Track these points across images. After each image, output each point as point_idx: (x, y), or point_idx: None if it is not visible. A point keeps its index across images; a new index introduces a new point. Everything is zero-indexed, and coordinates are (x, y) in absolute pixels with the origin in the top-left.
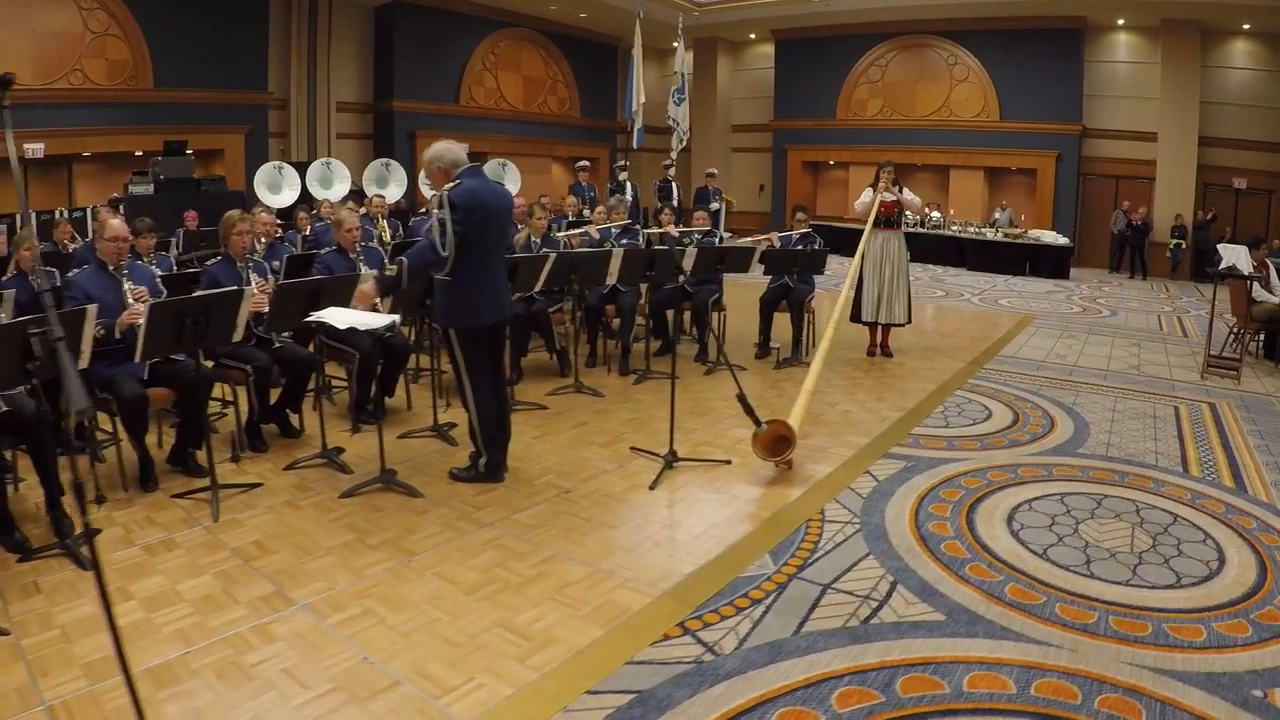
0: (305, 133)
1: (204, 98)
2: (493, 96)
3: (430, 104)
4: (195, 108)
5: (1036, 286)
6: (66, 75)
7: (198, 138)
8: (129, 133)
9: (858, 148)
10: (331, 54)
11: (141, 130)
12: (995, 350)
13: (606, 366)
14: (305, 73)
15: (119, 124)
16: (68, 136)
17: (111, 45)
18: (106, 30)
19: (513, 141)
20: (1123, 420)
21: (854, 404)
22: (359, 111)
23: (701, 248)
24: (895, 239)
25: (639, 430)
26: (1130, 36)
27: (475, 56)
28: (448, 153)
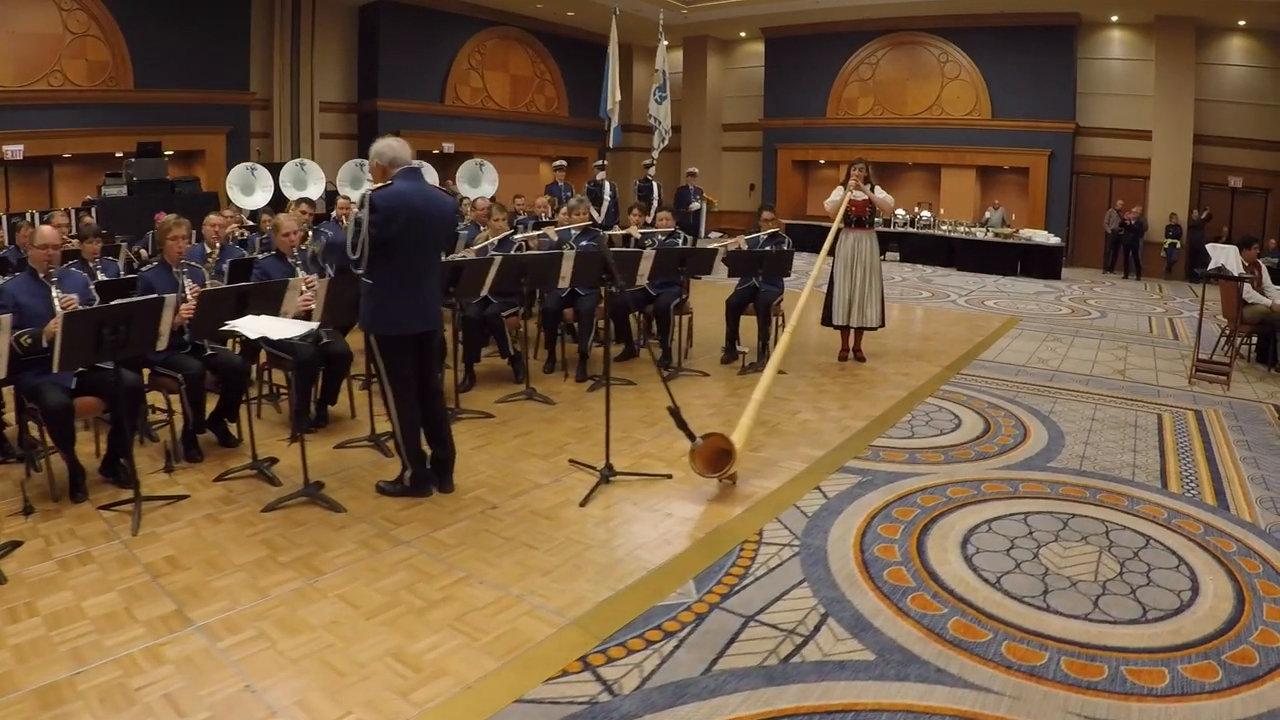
0: (288, 133)
1: (185, 98)
2: (479, 96)
3: (415, 103)
4: (176, 108)
5: (1026, 287)
6: (46, 76)
7: (179, 138)
8: (109, 134)
9: (848, 146)
10: (315, 53)
11: (122, 131)
12: (975, 354)
13: (564, 372)
14: (288, 72)
15: (99, 125)
16: (48, 138)
17: (91, 46)
18: (86, 31)
19: (500, 141)
20: (1101, 430)
21: (816, 412)
22: (343, 111)
23: (661, 249)
24: (867, 239)
25: (583, 441)
26: (1124, 33)
27: (461, 55)
28: (389, 150)
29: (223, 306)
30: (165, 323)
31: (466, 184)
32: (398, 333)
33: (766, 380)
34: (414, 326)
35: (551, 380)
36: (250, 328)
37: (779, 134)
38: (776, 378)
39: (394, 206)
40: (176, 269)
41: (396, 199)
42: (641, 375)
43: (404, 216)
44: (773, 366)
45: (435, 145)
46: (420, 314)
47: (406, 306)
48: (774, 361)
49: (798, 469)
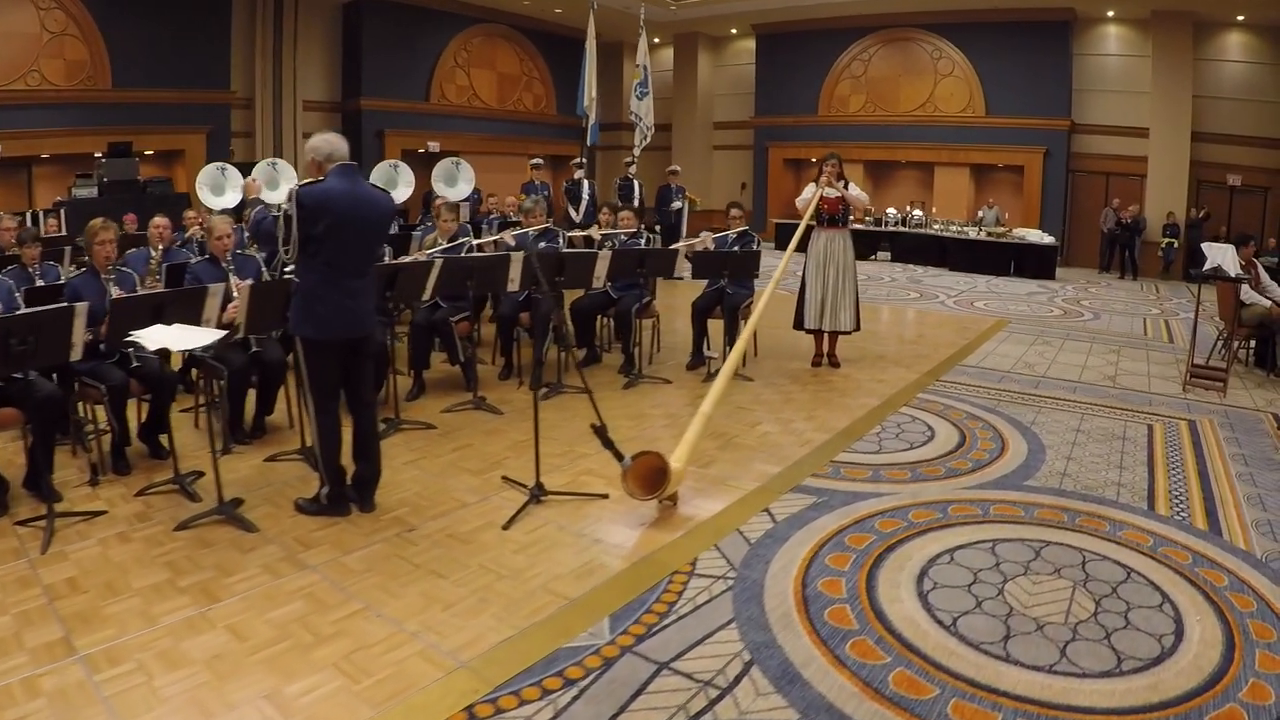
0: (270, 132)
1: (164, 97)
2: (465, 94)
3: (399, 102)
4: (155, 108)
5: (1019, 288)
6: (24, 76)
7: (158, 138)
8: (88, 134)
9: (840, 145)
10: (298, 52)
11: (100, 131)
12: (958, 359)
13: (518, 379)
14: (270, 71)
15: (77, 125)
16: (26, 138)
17: (69, 45)
18: (64, 30)
19: (486, 140)
20: (1086, 443)
21: (778, 424)
22: (326, 110)
23: (619, 251)
24: (840, 239)
25: (524, 455)
26: (1120, 29)
27: (447, 53)
28: (324, 145)
29: (137, 315)
30: (78, 332)
31: (442, 183)
32: (323, 337)
33: (717, 391)
34: (341, 331)
35: (505, 388)
36: (153, 339)
37: (770, 132)
38: (742, 386)
39: (318, 205)
40: (105, 274)
41: (324, 197)
42: (601, 382)
43: (330, 215)
44: (725, 375)
45: (420, 144)
46: (348, 318)
47: (334, 310)
48: (727, 370)
49: (748, 488)
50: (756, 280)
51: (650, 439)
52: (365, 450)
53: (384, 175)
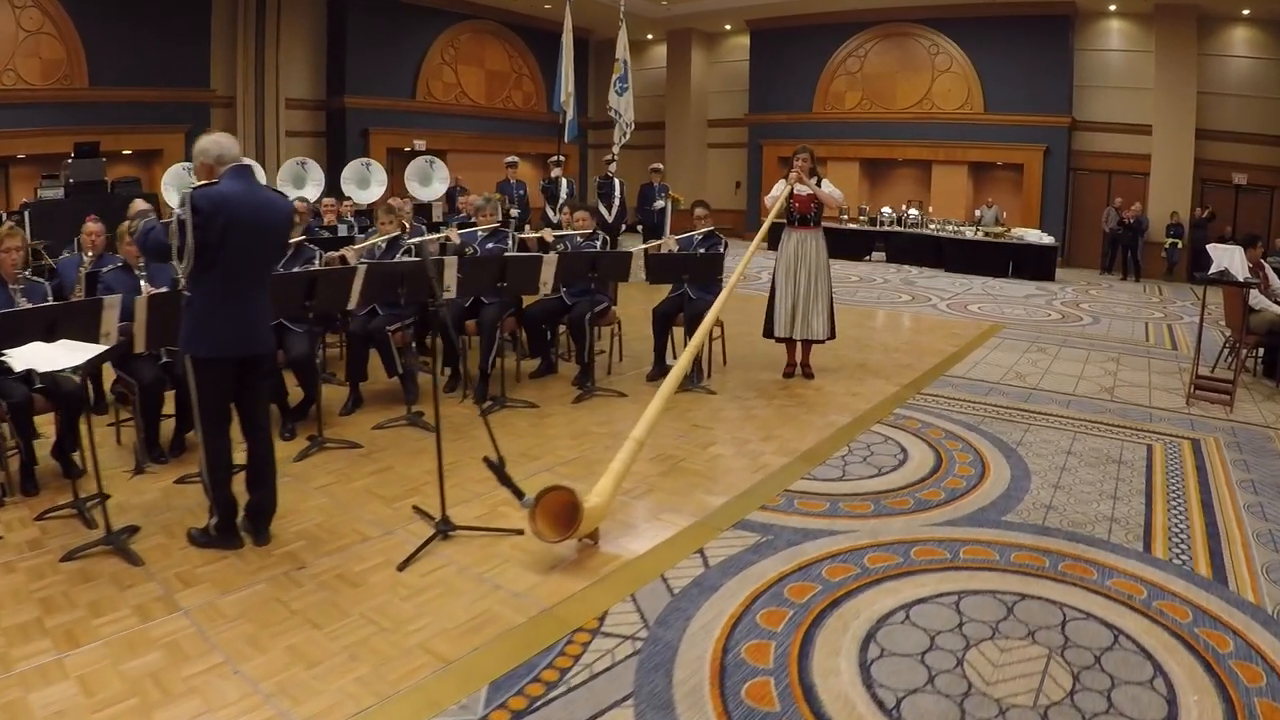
0: (253, 131)
1: (142, 96)
2: (453, 91)
3: (385, 99)
4: (133, 107)
5: (1016, 290)
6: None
7: (136, 138)
8: (64, 133)
9: (835, 142)
10: (281, 49)
11: (77, 131)
12: (944, 368)
13: (464, 392)
14: (253, 69)
15: (54, 124)
16: (1, 138)
17: (45, 44)
18: (40, 29)
19: (475, 138)
20: (1077, 468)
21: (733, 445)
22: (310, 109)
23: (567, 254)
24: (812, 240)
25: (448, 479)
26: (1123, 23)
27: (434, 50)
28: (214, 146)
29: (28, 329)
30: None
31: (416, 182)
32: (214, 355)
33: (653, 413)
34: (234, 349)
35: (448, 402)
36: (23, 358)
37: (764, 130)
38: (701, 400)
39: (213, 209)
40: (12, 285)
41: (219, 199)
42: (551, 395)
43: (225, 220)
44: (663, 394)
45: (406, 143)
46: (243, 335)
47: (227, 326)
48: (666, 387)
49: (683, 524)
50: (722, 284)
51: (588, 462)
52: (260, 478)
53: (356, 174)
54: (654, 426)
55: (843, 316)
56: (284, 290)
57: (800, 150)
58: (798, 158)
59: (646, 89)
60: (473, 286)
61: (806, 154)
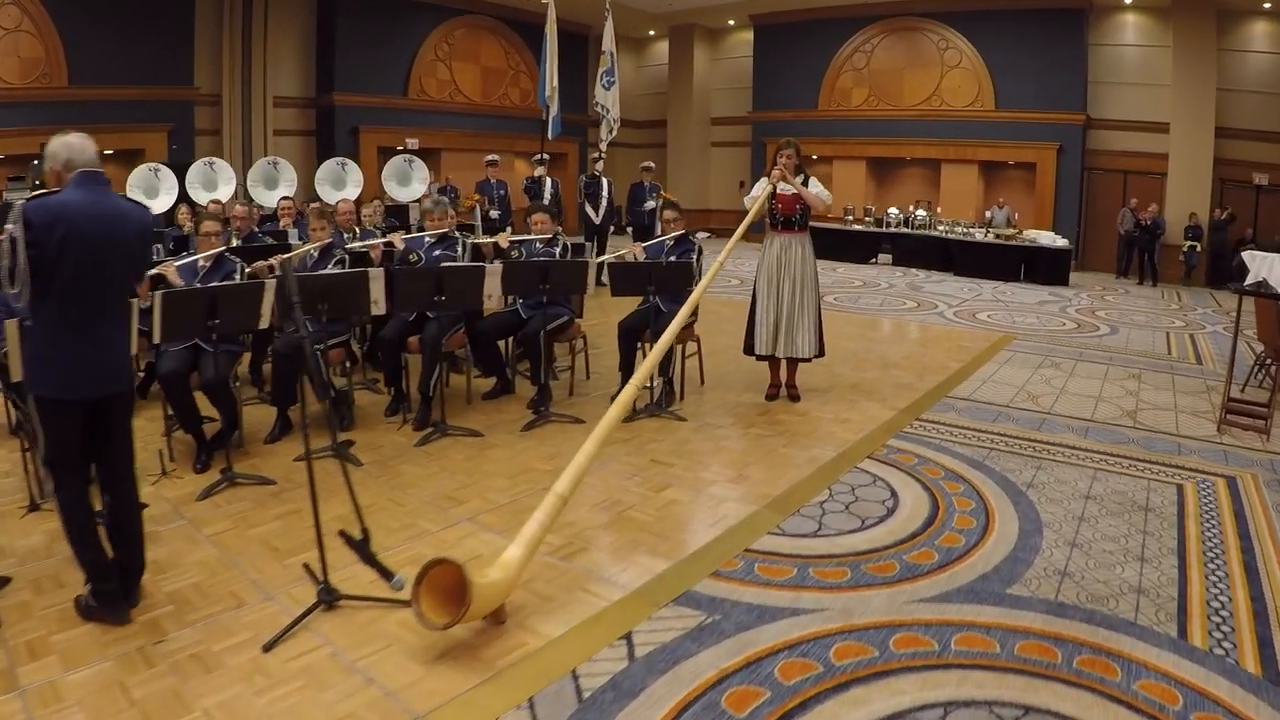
0: (239, 130)
1: (123, 95)
2: (447, 88)
3: (375, 97)
4: (113, 106)
5: (1029, 295)
6: None
7: (117, 137)
8: (43, 133)
9: (841, 141)
10: (269, 46)
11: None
12: (948, 387)
13: (404, 416)
14: (239, 66)
15: (33, 124)
16: None
17: (24, 42)
18: (18, 26)
19: (470, 136)
20: (1097, 518)
21: (691, 488)
22: (299, 106)
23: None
24: (798, 245)
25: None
26: (1139, 17)
27: (427, 46)
28: (63, 149)
29: None
30: None
31: (394, 182)
32: (59, 396)
33: (584, 459)
34: (82, 389)
35: (385, 428)
36: None
37: (768, 128)
38: (669, 429)
39: (48, 222)
40: None
41: (58, 210)
42: (499, 421)
43: (62, 233)
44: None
45: (398, 141)
46: (92, 374)
47: (72, 362)
48: (606, 423)
49: (613, 597)
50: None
51: (518, 510)
52: (123, 534)
53: (331, 174)
54: (582, 477)
55: (841, 326)
56: (183, 309)
57: (784, 144)
58: (781, 153)
59: (649, 87)
60: (407, 301)
61: (791, 149)
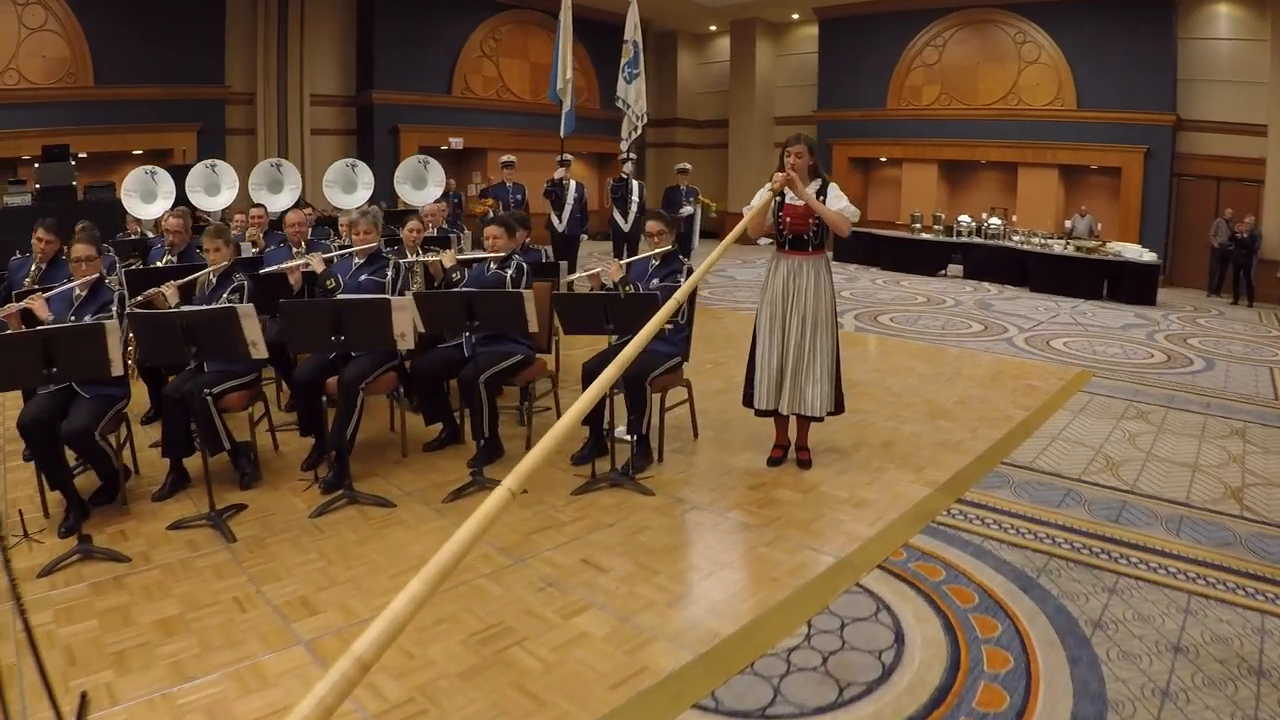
0: (275, 130)
1: (150, 94)
2: (493, 86)
3: (417, 95)
4: (140, 105)
5: (1111, 317)
6: (0, 75)
7: (144, 137)
8: (69, 133)
9: (912, 141)
10: (305, 42)
11: (83, 130)
12: (1007, 448)
13: (316, 474)
14: (274, 64)
15: (59, 124)
16: (6, 138)
17: (49, 41)
18: (43, 25)
19: (518, 136)
20: (1189, 691)
21: (614, 616)
22: (338, 105)
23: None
24: (810, 271)
25: (178, 636)
26: (1233, 8)
27: (472, 42)
28: None
29: None
30: None
31: (409, 185)
32: None
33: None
34: None
35: (295, 486)
36: None
37: (834, 127)
38: (630, 505)
39: None
40: None
41: None
42: (427, 485)
43: None
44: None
45: (441, 140)
46: None
47: None
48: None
49: None
50: (679, 327)
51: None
52: None
53: (341, 176)
54: (436, 587)
55: (889, 357)
56: (14, 354)
57: (793, 139)
58: (789, 151)
59: (710, 84)
60: (298, 340)
61: (803, 145)
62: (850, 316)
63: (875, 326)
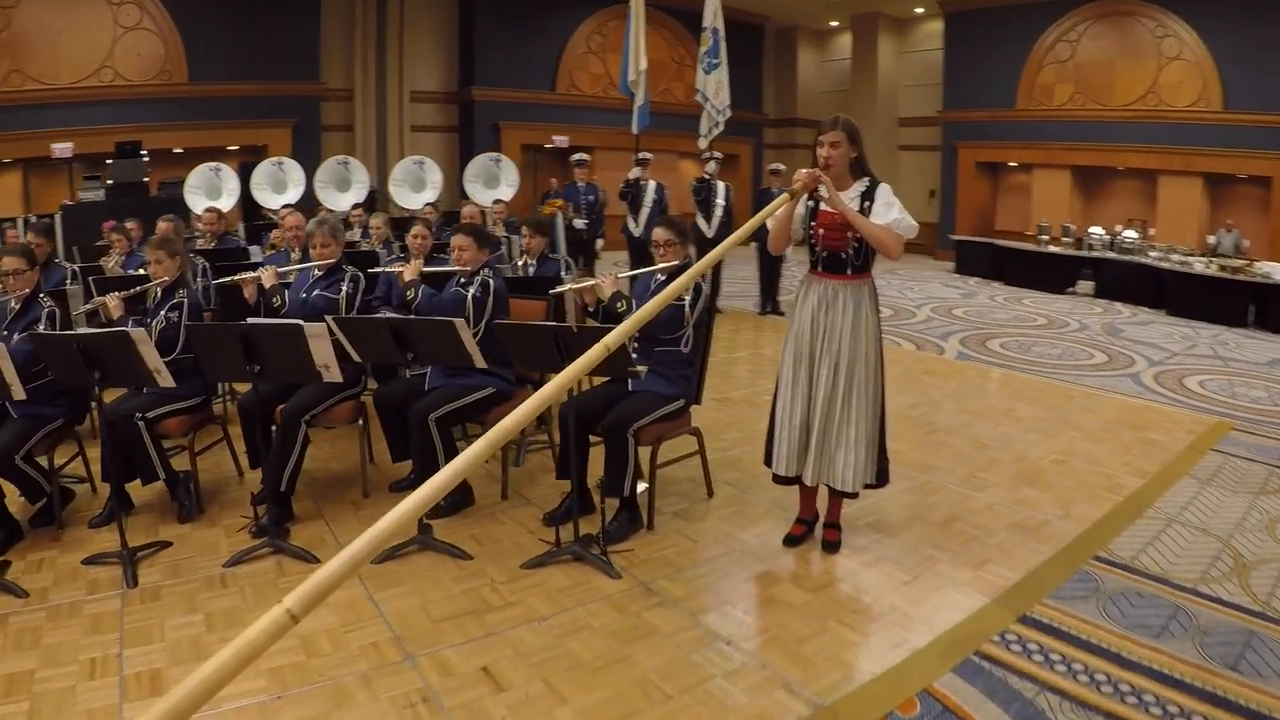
0: (373, 126)
1: (244, 91)
2: (600, 83)
3: (519, 91)
4: (235, 102)
5: (1258, 350)
6: (96, 72)
7: (239, 133)
8: (164, 129)
9: (1042, 145)
10: (405, 38)
11: (177, 126)
12: (1106, 534)
13: (256, 512)
14: (373, 60)
15: (154, 120)
16: (101, 134)
17: (143, 40)
18: (138, 24)
19: (627, 134)
20: None
21: None
22: (439, 102)
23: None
24: (849, 300)
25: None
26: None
27: (577, 38)
28: None
29: None
30: None
31: (480, 184)
32: None
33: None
34: None
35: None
36: None
37: (960, 129)
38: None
39: None
40: None
41: None
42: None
43: None
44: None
45: (543, 138)
46: None
47: None
48: (261, 633)
49: None
50: (684, 359)
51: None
52: None
53: (410, 174)
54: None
55: (984, 394)
56: None
57: (829, 123)
58: (822, 139)
59: (832, 83)
60: (214, 368)
61: (841, 131)
62: (955, 340)
63: (982, 353)
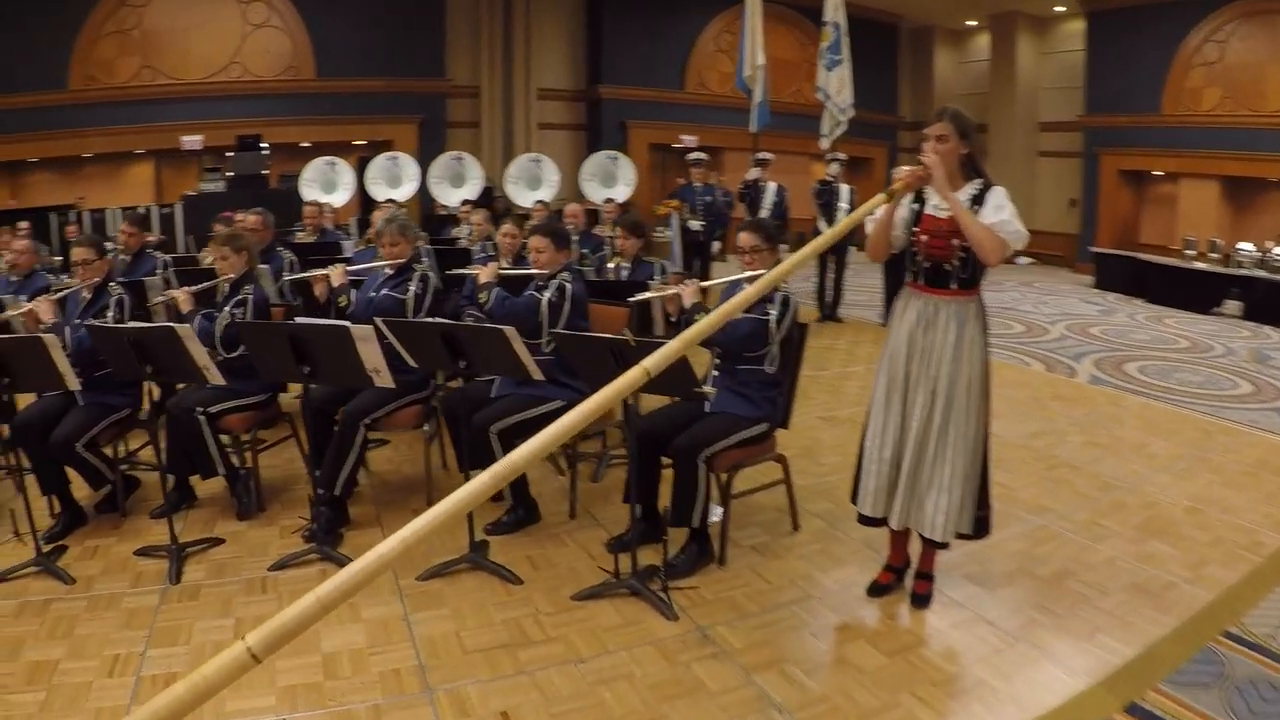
0: (500, 123)
1: (370, 87)
2: (729, 83)
3: (646, 90)
4: (361, 98)
5: None
6: (225, 69)
7: (365, 129)
8: (291, 124)
9: (1189, 153)
10: (531, 35)
11: (303, 121)
12: (1234, 607)
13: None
14: (499, 57)
15: (282, 115)
16: (229, 128)
17: (271, 37)
18: (266, 21)
19: (762, 135)
20: None
21: None
22: (566, 99)
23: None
24: (952, 319)
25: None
26: None
27: (706, 36)
28: None
29: None
30: None
31: (597, 182)
32: None
33: None
34: None
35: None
36: None
37: (1101, 135)
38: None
39: None
40: None
41: None
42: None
43: None
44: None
45: (671, 138)
46: None
47: None
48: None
49: None
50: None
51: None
52: None
53: (526, 171)
54: None
55: (1118, 425)
56: None
57: (937, 115)
58: (931, 132)
59: (970, 85)
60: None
61: (949, 124)
62: (1089, 362)
63: (1118, 378)
